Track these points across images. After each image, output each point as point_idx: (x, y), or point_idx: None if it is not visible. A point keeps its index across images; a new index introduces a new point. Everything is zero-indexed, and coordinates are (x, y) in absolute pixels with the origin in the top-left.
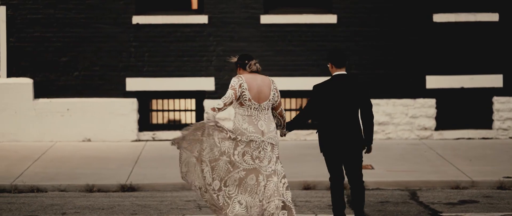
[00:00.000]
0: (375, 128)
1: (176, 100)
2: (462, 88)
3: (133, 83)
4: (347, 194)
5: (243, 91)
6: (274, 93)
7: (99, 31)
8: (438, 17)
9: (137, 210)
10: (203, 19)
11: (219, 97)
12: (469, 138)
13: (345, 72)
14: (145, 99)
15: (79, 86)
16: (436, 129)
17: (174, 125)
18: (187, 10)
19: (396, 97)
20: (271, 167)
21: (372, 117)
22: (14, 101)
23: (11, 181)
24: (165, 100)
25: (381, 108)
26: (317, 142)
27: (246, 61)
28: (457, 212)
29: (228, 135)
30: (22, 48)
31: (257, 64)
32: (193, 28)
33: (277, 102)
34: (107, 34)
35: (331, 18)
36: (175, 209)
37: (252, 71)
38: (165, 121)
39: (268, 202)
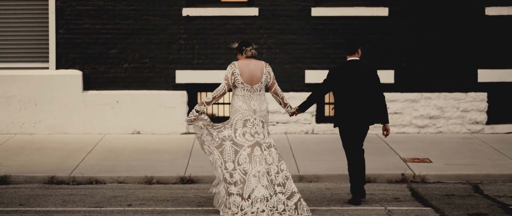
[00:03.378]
0: (426, 121)
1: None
2: None
3: (183, 76)
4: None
5: (236, 77)
6: (266, 76)
7: (149, 23)
8: (491, 11)
9: (203, 202)
10: (253, 11)
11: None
12: None
13: (357, 58)
14: (194, 92)
15: (128, 79)
16: (487, 123)
17: (223, 117)
18: (237, 2)
19: (447, 91)
20: (266, 141)
21: (383, 97)
22: (63, 93)
23: (68, 173)
24: None
25: (433, 102)
26: (369, 135)
27: (243, 47)
28: None
29: (223, 126)
30: (71, 40)
31: (253, 51)
32: (243, 20)
33: (270, 83)
34: (157, 26)
35: (383, 11)
36: None
37: (247, 57)
38: (215, 113)
39: (277, 173)
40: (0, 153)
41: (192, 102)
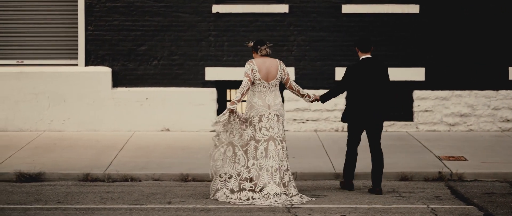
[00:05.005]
0: (457, 119)
1: None
2: None
3: (213, 73)
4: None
5: (255, 74)
6: (281, 73)
7: (178, 20)
8: None
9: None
10: (283, 8)
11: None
12: None
13: (370, 56)
14: (224, 89)
15: (158, 76)
16: None
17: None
18: None
19: (478, 88)
20: (281, 134)
21: (389, 95)
22: (92, 90)
23: (103, 170)
24: None
25: (463, 99)
26: (400, 133)
27: (258, 46)
28: None
29: (247, 122)
30: (101, 37)
31: (267, 49)
32: (273, 17)
33: (284, 79)
34: (187, 23)
35: (413, 8)
36: None
37: (262, 55)
38: (244, 111)
39: (286, 170)
40: (31, 150)
41: (221, 100)
